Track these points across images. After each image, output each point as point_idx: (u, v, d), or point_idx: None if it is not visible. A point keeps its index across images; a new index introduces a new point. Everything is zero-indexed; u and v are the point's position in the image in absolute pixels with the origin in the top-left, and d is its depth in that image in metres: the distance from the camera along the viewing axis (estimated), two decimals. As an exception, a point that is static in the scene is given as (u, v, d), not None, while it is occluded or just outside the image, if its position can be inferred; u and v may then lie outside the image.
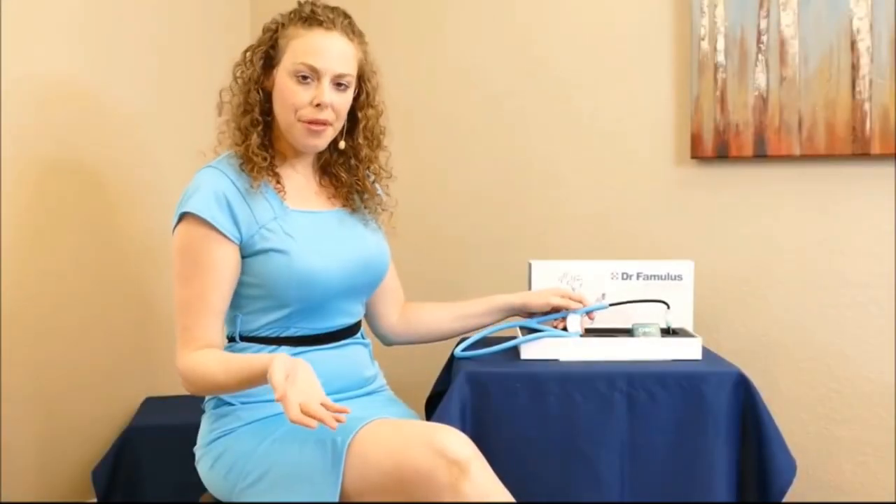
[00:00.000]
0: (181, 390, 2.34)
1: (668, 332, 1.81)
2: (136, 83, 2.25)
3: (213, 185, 1.58)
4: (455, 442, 1.39)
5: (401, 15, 2.41)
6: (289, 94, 1.60)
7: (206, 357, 1.53)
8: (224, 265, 1.57)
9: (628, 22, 2.24)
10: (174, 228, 1.59)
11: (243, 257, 1.59)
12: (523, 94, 2.33)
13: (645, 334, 1.75)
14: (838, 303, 2.11)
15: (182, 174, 2.35)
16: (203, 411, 1.67)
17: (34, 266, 1.99)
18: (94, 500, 2.08)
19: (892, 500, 2.07)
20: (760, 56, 2.10)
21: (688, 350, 1.73)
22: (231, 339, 1.65)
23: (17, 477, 1.96)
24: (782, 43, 2.08)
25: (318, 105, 1.59)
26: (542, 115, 2.32)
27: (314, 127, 1.61)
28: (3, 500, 1.92)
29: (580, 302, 1.79)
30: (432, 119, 2.41)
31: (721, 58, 2.12)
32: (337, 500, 1.42)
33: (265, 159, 1.62)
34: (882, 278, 2.07)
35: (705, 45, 2.13)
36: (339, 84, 1.62)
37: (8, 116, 1.91)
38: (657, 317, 1.83)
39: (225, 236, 1.56)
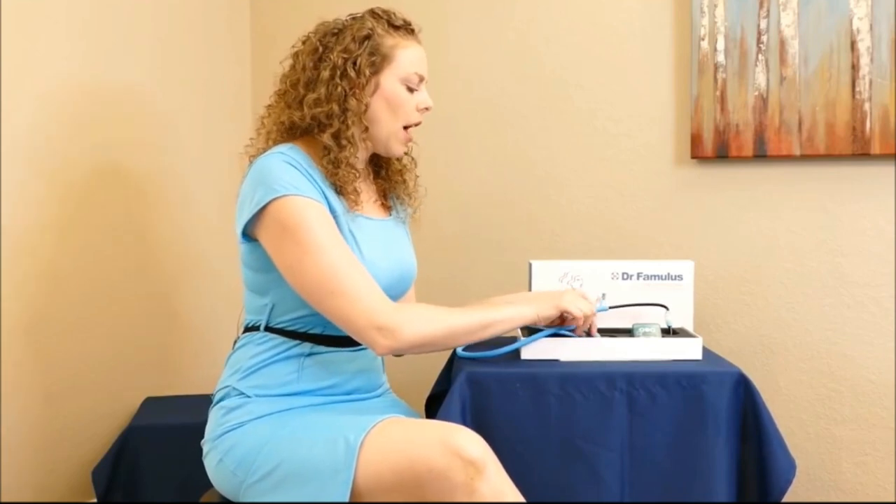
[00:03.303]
0: (182, 390, 2.38)
1: (668, 332, 1.81)
2: (141, 82, 2.25)
3: (286, 165, 1.56)
4: (470, 442, 1.40)
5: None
6: (402, 102, 1.65)
7: (428, 309, 1.57)
8: (333, 221, 1.56)
9: (628, 22, 2.24)
10: (249, 224, 1.56)
11: None
12: (523, 95, 2.33)
13: (645, 334, 1.75)
14: (838, 303, 2.11)
15: (182, 173, 2.37)
16: (211, 403, 1.66)
17: (36, 266, 1.99)
18: (94, 499, 2.08)
19: (892, 500, 2.07)
20: (760, 56, 2.10)
21: (688, 350, 1.73)
22: (254, 328, 1.64)
23: (17, 477, 1.96)
24: (782, 43, 2.08)
25: (426, 108, 1.68)
26: (543, 116, 2.32)
27: (409, 135, 1.69)
28: (3, 500, 1.92)
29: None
30: (432, 119, 2.39)
31: (721, 58, 2.12)
32: (348, 498, 1.41)
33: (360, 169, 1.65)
34: (882, 278, 2.08)
35: (705, 45, 2.13)
36: None
37: (18, 116, 1.91)
38: (657, 317, 1.83)
39: (318, 200, 1.55)
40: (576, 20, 2.29)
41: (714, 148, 2.14)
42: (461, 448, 1.38)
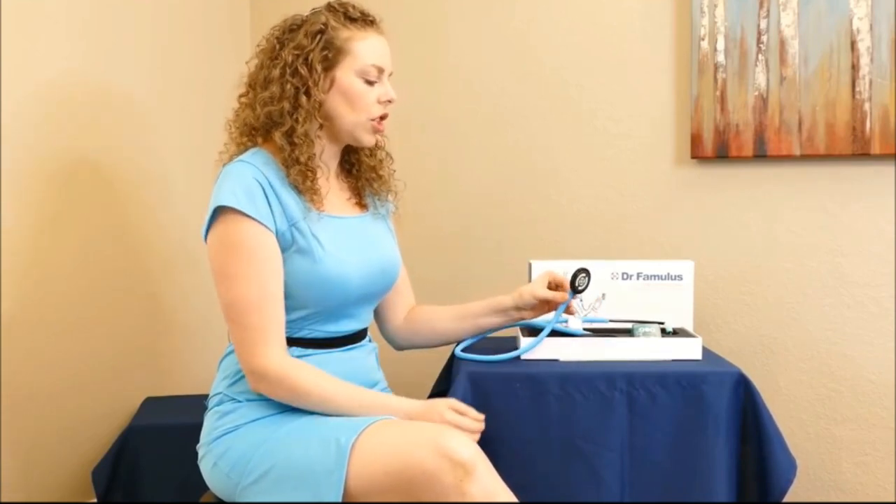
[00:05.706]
0: (181, 390, 2.38)
1: (667, 332, 1.81)
2: (139, 82, 2.25)
3: (245, 177, 1.55)
4: (460, 444, 1.40)
5: (402, 15, 2.41)
6: (360, 95, 1.62)
7: (313, 372, 1.54)
8: (274, 253, 1.55)
9: (629, 22, 2.24)
10: (208, 227, 1.57)
11: None
12: (524, 95, 2.33)
13: (645, 334, 1.75)
14: (838, 303, 2.11)
15: (185, 173, 2.37)
16: (206, 408, 1.67)
17: (35, 265, 1.99)
18: (94, 499, 2.08)
19: (892, 500, 2.07)
20: (760, 56, 2.10)
21: (688, 350, 1.73)
22: None
23: (17, 477, 1.96)
24: (782, 43, 2.08)
25: (389, 101, 1.64)
26: (543, 115, 2.32)
27: (380, 125, 1.65)
28: (3, 500, 1.92)
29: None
30: (432, 119, 2.41)
31: (721, 58, 2.12)
32: (340, 499, 1.42)
33: (317, 167, 1.63)
34: (882, 278, 2.08)
35: (705, 45, 2.13)
36: None
37: (14, 114, 1.91)
38: (657, 315, 1.83)
39: (265, 225, 1.54)
40: (576, 20, 2.29)
41: (714, 148, 2.14)
42: (451, 450, 1.38)
